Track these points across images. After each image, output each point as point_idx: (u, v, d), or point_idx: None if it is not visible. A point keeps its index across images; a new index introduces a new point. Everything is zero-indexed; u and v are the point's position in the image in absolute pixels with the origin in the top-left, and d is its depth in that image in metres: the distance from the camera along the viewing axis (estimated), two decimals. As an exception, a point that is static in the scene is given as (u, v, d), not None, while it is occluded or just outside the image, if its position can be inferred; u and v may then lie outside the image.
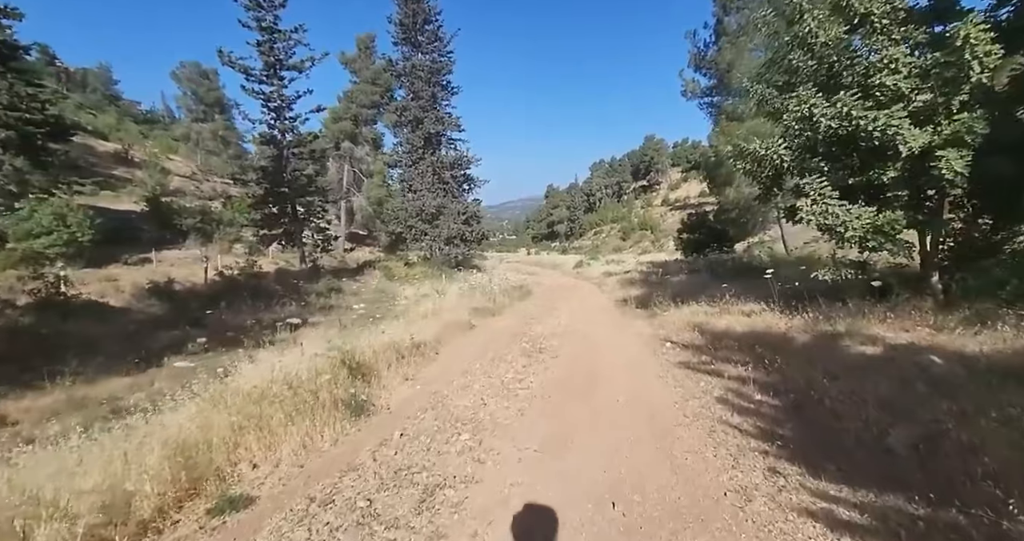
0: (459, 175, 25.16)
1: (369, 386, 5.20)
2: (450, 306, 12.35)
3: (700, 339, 7.76)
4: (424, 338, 8.12)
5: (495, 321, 11.36)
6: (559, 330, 9.77)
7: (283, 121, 16.60)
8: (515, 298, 16.01)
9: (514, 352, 7.59)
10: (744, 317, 8.38)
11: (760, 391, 4.86)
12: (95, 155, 25.93)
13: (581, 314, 12.37)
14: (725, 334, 7.54)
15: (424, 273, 22.11)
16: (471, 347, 8.05)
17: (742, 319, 8.22)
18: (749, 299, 9.31)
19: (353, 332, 8.34)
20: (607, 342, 8.41)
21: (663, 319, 10.07)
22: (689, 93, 16.49)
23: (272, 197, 16.72)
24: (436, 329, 9.04)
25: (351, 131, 28.39)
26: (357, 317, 11.16)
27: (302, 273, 17.78)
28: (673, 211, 62.83)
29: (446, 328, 9.31)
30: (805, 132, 6.74)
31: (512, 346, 8.13)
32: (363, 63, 28.17)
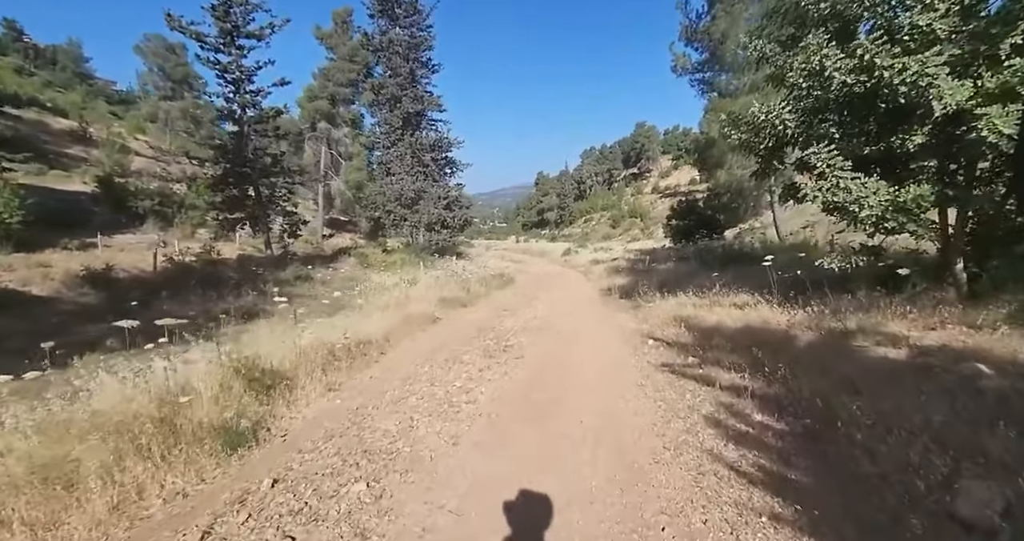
0: (440, 158, 23.79)
1: (271, 402, 4.07)
2: (418, 296, 11.24)
3: (687, 336, 6.73)
4: (373, 335, 7.01)
5: (464, 313, 10.26)
6: (533, 324, 8.71)
7: (243, 94, 15.12)
8: (493, 287, 14.92)
9: (474, 352, 6.50)
10: (736, 310, 7.35)
11: (761, 408, 3.82)
12: (49, 133, 24.09)
13: (561, 305, 11.32)
14: (716, 330, 6.52)
15: (403, 260, 20.88)
16: (426, 345, 6.95)
17: (734, 313, 7.20)
18: (741, 290, 8.29)
19: (301, 326, 7.21)
20: (583, 338, 7.36)
21: (647, 311, 9.04)
22: (679, 68, 15.25)
23: (233, 178, 15.32)
24: (392, 323, 7.93)
25: (328, 111, 26.75)
26: (316, 308, 10.01)
27: (268, 260, 16.48)
28: (663, 199, 61.81)
29: (405, 322, 8.20)
30: (814, 91, 5.61)
31: (474, 343, 7.05)
32: (340, 39, 26.40)
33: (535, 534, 2.34)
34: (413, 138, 22.34)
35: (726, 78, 14.48)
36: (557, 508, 2.55)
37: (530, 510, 2.55)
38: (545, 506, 2.58)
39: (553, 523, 2.42)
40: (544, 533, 2.35)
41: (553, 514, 2.50)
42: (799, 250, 11.86)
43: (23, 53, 58.47)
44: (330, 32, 26.63)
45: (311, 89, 26.74)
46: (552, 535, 2.34)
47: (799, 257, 10.61)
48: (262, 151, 15.83)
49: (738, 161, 14.49)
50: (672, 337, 6.84)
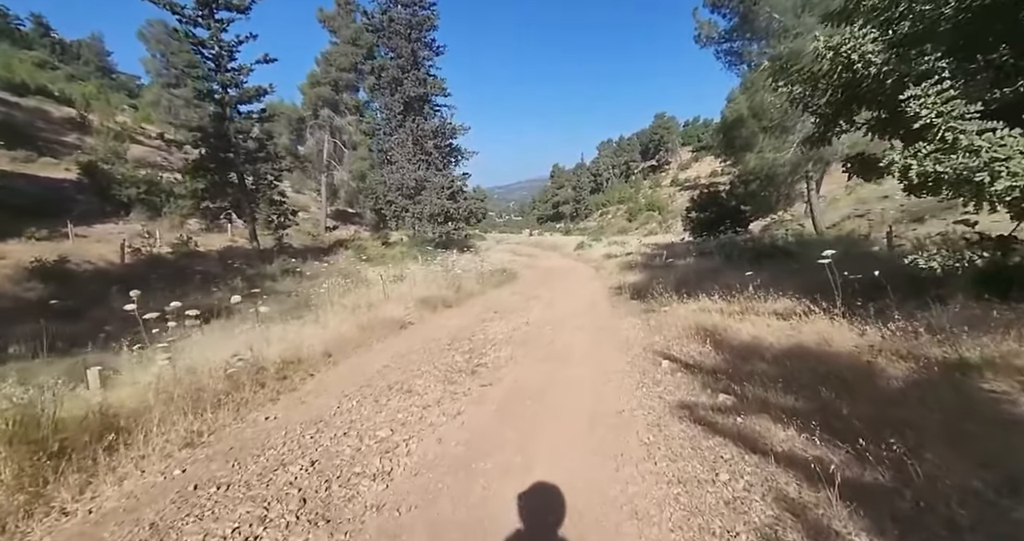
0: (443, 145, 22.22)
1: (57, 480, 2.54)
2: (400, 294, 9.72)
3: (715, 356, 4.99)
4: (315, 348, 5.49)
5: (445, 316, 8.68)
6: (521, 332, 7.07)
7: (223, 72, 13.76)
8: (490, 285, 13.31)
9: (432, 375, 4.90)
10: (779, 321, 5.57)
11: (868, 529, 2.10)
12: (48, 120, 23.35)
13: (561, 306, 9.63)
14: (754, 350, 4.76)
15: (402, 254, 19.47)
16: (375, 363, 5.37)
17: (778, 325, 5.42)
18: (783, 293, 6.49)
19: (240, 331, 5.76)
20: (578, 355, 5.68)
21: (663, 318, 7.29)
22: (704, 38, 13.23)
23: (214, 163, 14.02)
24: (348, 331, 6.40)
25: (331, 98, 25.37)
26: (286, 307, 8.58)
27: (253, 253, 15.20)
28: (683, 191, 59.07)
29: (364, 329, 6.66)
30: (919, 5, 3.77)
31: (438, 361, 5.45)
32: (343, 21, 24.92)
33: None
34: (414, 124, 20.79)
35: (758, 47, 12.45)
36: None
37: None
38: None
39: None
40: None
41: None
42: (844, 243, 9.90)
43: (49, 48, 59.24)
44: (332, 14, 25.17)
45: (313, 74, 25.40)
46: None
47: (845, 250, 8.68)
48: (245, 134, 14.46)
49: (770, 143, 12.47)
50: (694, 357, 5.11)
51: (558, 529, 2.26)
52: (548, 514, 2.39)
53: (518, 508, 2.44)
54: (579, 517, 2.34)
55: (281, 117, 25.91)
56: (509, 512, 2.41)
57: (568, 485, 2.64)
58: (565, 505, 2.45)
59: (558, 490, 2.60)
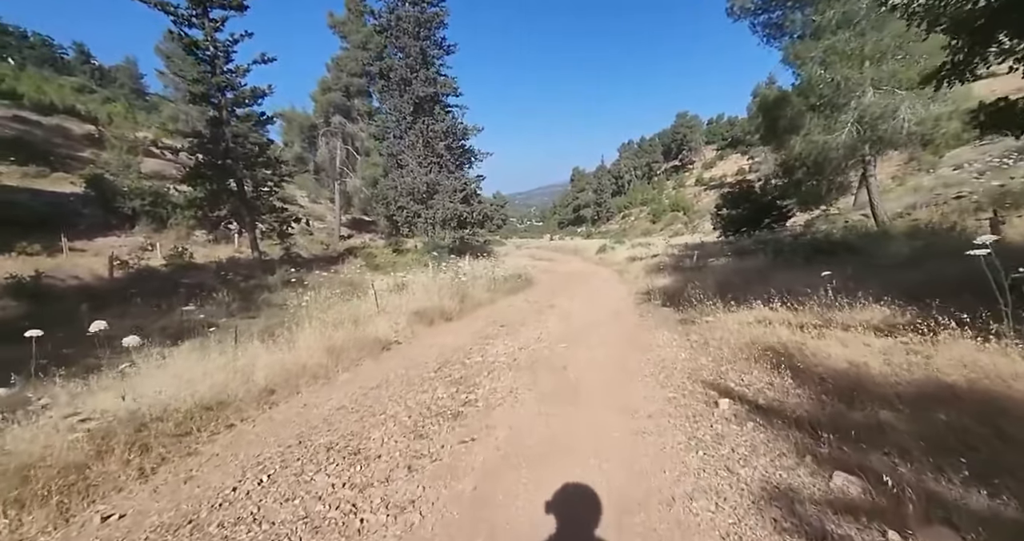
0: (455, 146, 21.05)
1: None
2: (395, 306, 8.45)
3: (798, 393, 3.43)
4: (257, 382, 4.21)
5: (442, 332, 7.32)
6: (528, 353, 5.63)
7: (219, 74, 12.97)
8: (502, 292, 11.91)
9: (397, 425, 3.53)
10: (881, 338, 3.97)
11: None
12: (68, 137, 23.44)
13: (580, 317, 8.15)
14: (858, 385, 3.20)
15: (415, 261, 18.34)
16: (327, 405, 4.03)
17: (881, 344, 3.82)
18: (870, 298, 4.84)
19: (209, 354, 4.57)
20: (598, 388, 4.20)
21: (707, 331, 5.73)
22: (738, 9, 11.61)
23: (211, 170, 13.21)
24: (312, 355, 5.10)
25: (343, 104, 24.69)
26: (272, 324, 7.44)
27: (254, 263, 14.29)
28: (708, 191, 56.56)
29: (335, 353, 5.35)
30: None
31: (414, 399, 4.07)
32: (353, 26, 24.26)
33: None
34: (424, 125, 19.72)
35: (802, 15, 10.75)
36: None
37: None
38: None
39: None
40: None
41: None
42: (926, 237, 8.07)
43: (89, 74, 61.98)
44: (343, 19, 24.56)
45: (324, 81, 24.79)
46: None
47: (948, 247, 6.91)
48: (244, 138, 13.59)
49: (819, 123, 10.71)
50: (766, 394, 3.56)
51: None
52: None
53: None
54: None
55: (293, 125, 25.40)
56: None
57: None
58: None
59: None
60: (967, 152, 24.47)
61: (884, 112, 10.07)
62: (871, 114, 10.24)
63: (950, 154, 23.01)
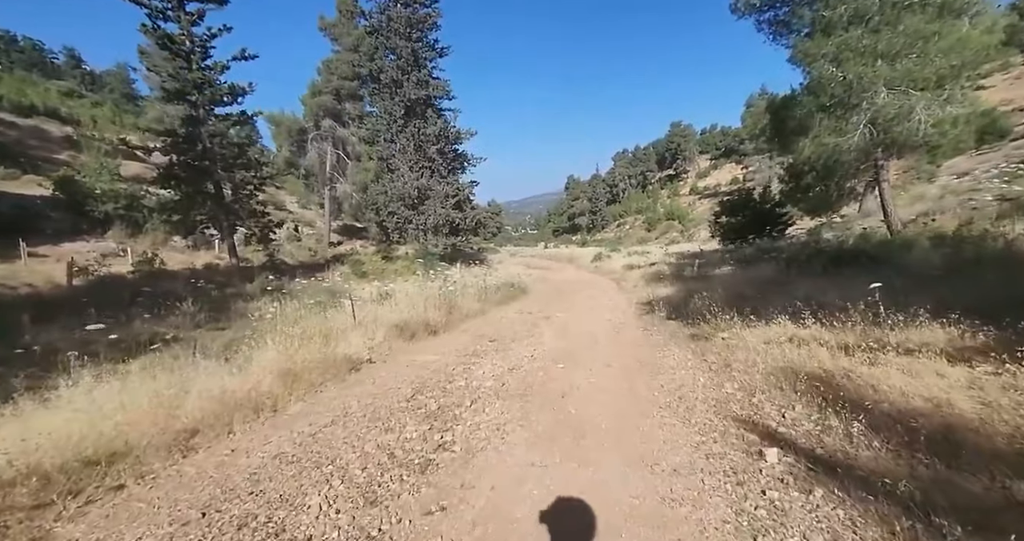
0: (448, 151, 20.33)
1: None
2: (375, 318, 7.60)
3: (870, 443, 2.62)
4: (180, 418, 3.36)
5: (422, 349, 6.46)
6: (519, 376, 4.81)
7: (195, 70, 12.17)
8: (494, 302, 11.09)
9: (344, 483, 2.68)
10: (958, 367, 3.18)
11: None
12: (44, 139, 22.44)
13: (579, 330, 7.34)
14: (949, 432, 2.41)
15: (405, 268, 17.49)
16: (261, 451, 3.17)
17: (960, 374, 3.04)
18: (923, 315, 4.07)
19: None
20: (608, 431, 3.37)
21: (726, 350, 4.95)
22: (743, 5, 10.99)
23: (185, 171, 12.34)
24: (263, 381, 4.23)
25: (333, 107, 23.94)
26: (239, 338, 6.59)
27: (232, 270, 13.37)
28: (702, 199, 56.34)
29: (291, 377, 4.48)
30: None
31: (374, 442, 3.23)
32: (344, 28, 23.62)
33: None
34: (415, 128, 18.99)
35: (811, 11, 10.15)
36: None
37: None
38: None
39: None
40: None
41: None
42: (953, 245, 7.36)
43: (79, 78, 61.07)
44: (334, 21, 23.91)
45: (314, 84, 24.04)
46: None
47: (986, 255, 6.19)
48: (220, 138, 12.75)
49: (830, 124, 10.08)
50: (823, 440, 2.76)
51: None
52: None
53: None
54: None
55: (282, 129, 24.60)
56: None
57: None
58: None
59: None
60: (964, 161, 24.11)
61: (899, 113, 9.44)
62: (885, 115, 9.60)
63: (948, 163, 22.63)
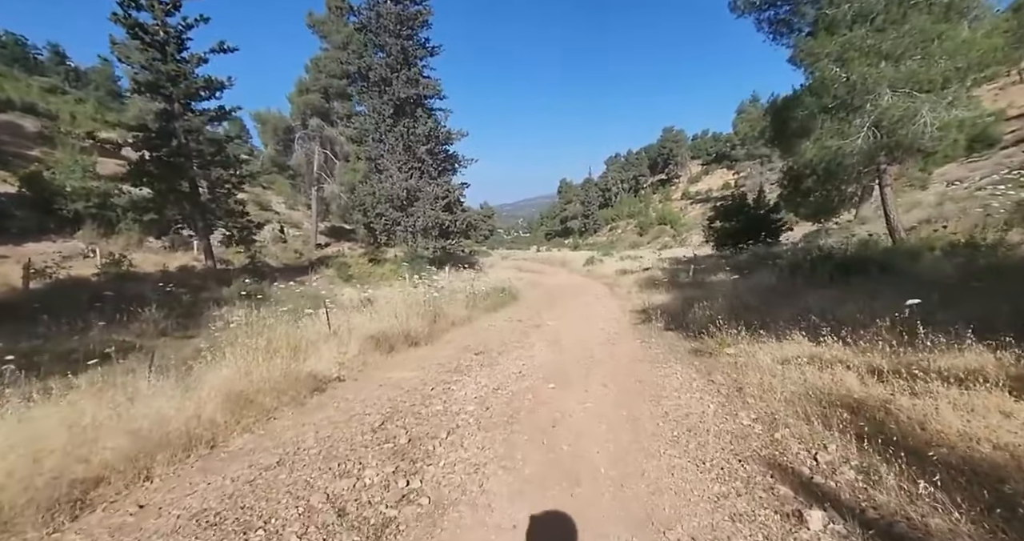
0: (438, 151, 19.76)
1: None
2: (352, 327, 6.99)
3: (937, 503, 2.08)
4: (73, 468, 2.73)
5: (398, 364, 5.87)
6: (504, 399, 4.24)
7: (169, 61, 11.49)
8: (483, 308, 10.51)
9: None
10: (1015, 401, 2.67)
11: None
12: (17, 134, 21.50)
13: (571, 341, 6.78)
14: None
15: (392, 272, 16.86)
16: (166, 516, 2.57)
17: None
18: (957, 335, 3.56)
19: None
20: (609, 477, 2.81)
21: (735, 370, 4.43)
22: (742, 4, 10.59)
23: (158, 168, 11.63)
24: (204, 408, 3.61)
25: (321, 106, 23.26)
26: (202, 349, 5.92)
27: (209, 273, 12.65)
28: (694, 204, 56.29)
29: (239, 403, 3.86)
30: None
31: (323, 491, 2.64)
32: (334, 25, 22.98)
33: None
34: (405, 128, 18.39)
35: (814, 9, 9.77)
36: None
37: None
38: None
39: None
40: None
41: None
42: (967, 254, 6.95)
43: (63, 75, 59.55)
44: (323, 18, 23.28)
45: (302, 82, 23.36)
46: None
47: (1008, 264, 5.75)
48: (196, 133, 12.06)
49: (832, 127, 9.69)
50: (874, 498, 2.22)
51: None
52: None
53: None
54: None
55: (268, 127, 23.86)
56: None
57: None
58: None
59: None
60: (955, 169, 24.04)
61: (904, 115, 9.07)
62: (889, 117, 9.23)
63: (939, 171, 22.53)
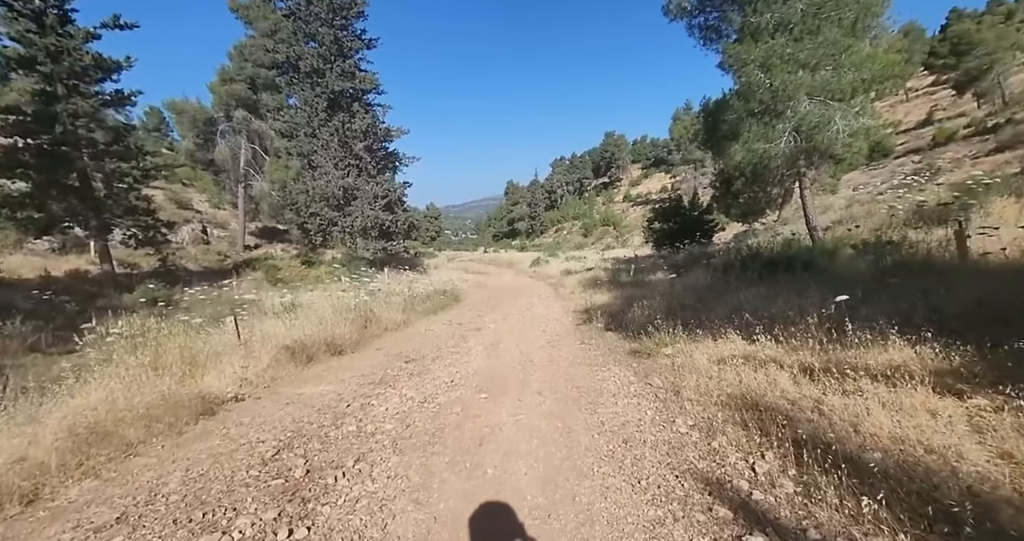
0: (377, 149, 18.80)
1: None
2: (267, 335, 6.20)
3: (879, 520, 1.89)
4: None
5: (314, 376, 5.22)
6: (429, 415, 3.79)
7: (48, 34, 9.85)
8: (423, 311, 9.94)
9: None
10: (949, 400, 2.62)
11: None
12: None
13: (510, 346, 6.42)
14: (986, 509, 1.73)
15: (329, 274, 15.74)
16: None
17: (957, 415, 2.46)
18: (876, 330, 3.56)
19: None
20: (536, 506, 2.44)
21: (673, 372, 4.26)
22: (675, 8, 10.81)
23: (36, 158, 9.94)
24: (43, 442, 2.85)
25: (247, 97, 21.39)
26: (73, 367, 4.89)
27: (105, 278, 11.02)
28: (635, 206, 58.35)
29: (100, 437, 3.12)
30: None
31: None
32: (260, 11, 21.23)
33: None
34: (340, 122, 17.29)
35: (741, 16, 10.13)
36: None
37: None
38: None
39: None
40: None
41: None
42: (875, 252, 7.39)
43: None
44: (247, 2, 21.45)
45: (225, 70, 21.37)
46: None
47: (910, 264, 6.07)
48: (90, 120, 10.47)
49: (759, 131, 10.06)
50: (815, 515, 2.01)
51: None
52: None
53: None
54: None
55: (184, 118, 21.61)
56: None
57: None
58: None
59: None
60: (859, 176, 26.51)
61: (820, 122, 9.61)
62: (807, 123, 9.74)
63: (845, 177, 24.68)
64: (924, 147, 25.94)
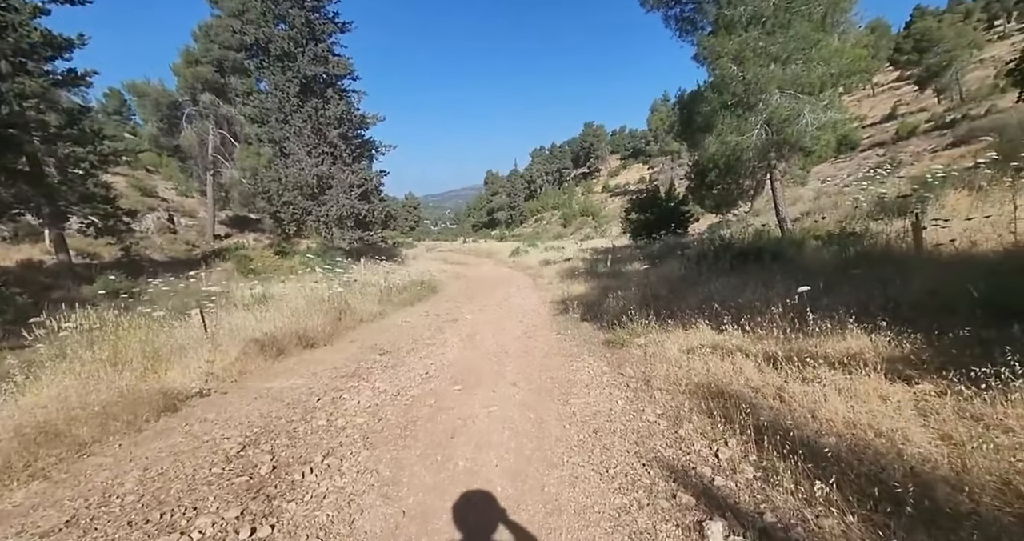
0: (352, 136, 18.31)
1: None
2: (236, 328, 6.01)
3: (827, 500, 1.97)
4: None
5: (285, 370, 5.10)
6: (401, 408, 3.75)
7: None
8: (399, 303, 9.82)
9: None
10: (898, 386, 2.74)
11: None
12: None
13: (487, 336, 6.41)
14: (925, 488, 1.82)
15: (303, 264, 15.38)
16: None
17: (906, 400, 2.57)
18: (835, 319, 3.70)
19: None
20: (506, 495, 2.45)
21: (644, 362, 4.33)
22: (651, 0, 10.79)
23: (-20, 141, 9.28)
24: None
25: (215, 81, 20.44)
26: (23, 363, 4.63)
27: (61, 269, 10.47)
28: (613, 197, 58.80)
29: (50, 437, 2.97)
30: None
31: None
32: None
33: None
34: (313, 108, 16.73)
35: (715, 8, 10.17)
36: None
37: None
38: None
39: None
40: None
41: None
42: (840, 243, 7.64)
43: None
44: (213, -20, 20.38)
45: (190, 52, 20.33)
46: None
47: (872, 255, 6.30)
48: (40, 101, 9.81)
49: (732, 123, 10.19)
50: (772, 499, 2.08)
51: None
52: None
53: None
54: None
55: (147, 101, 20.54)
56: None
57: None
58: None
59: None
60: (827, 168, 27.28)
61: (790, 115, 9.80)
62: (778, 116, 9.91)
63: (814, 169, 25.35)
64: (888, 141, 26.85)
